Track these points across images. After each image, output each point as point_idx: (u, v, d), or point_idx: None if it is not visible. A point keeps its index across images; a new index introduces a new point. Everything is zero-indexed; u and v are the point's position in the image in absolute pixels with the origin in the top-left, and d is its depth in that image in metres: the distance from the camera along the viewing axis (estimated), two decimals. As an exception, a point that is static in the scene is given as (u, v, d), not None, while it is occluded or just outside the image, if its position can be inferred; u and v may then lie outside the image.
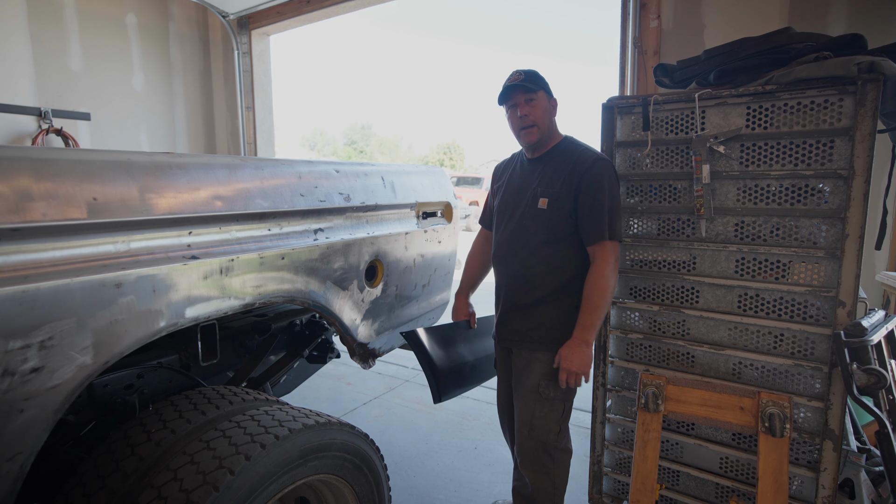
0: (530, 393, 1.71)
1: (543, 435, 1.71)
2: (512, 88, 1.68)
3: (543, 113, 1.69)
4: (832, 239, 1.50)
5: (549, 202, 1.67)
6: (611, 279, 1.60)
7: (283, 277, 1.42)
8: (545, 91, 1.69)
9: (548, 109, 1.71)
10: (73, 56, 4.18)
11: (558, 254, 1.69)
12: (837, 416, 1.53)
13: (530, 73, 1.69)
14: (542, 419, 1.70)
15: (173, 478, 1.03)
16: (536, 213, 1.70)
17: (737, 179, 1.62)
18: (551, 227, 1.67)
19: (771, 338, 1.63)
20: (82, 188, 0.99)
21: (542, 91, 1.68)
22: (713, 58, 1.70)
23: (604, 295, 1.59)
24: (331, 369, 3.75)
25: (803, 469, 1.61)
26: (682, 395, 1.62)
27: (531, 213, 1.71)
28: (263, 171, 1.42)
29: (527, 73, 1.69)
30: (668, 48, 2.87)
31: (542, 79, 1.71)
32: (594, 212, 1.61)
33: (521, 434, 1.76)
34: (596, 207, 1.61)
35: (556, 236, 1.67)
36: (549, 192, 1.68)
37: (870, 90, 1.37)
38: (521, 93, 1.67)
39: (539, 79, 1.69)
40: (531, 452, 1.74)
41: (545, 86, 1.70)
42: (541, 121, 1.69)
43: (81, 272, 0.96)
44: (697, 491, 1.82)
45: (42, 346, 0.91)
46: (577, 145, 1.73)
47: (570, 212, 1.65)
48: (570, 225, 1.67)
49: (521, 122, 1.69)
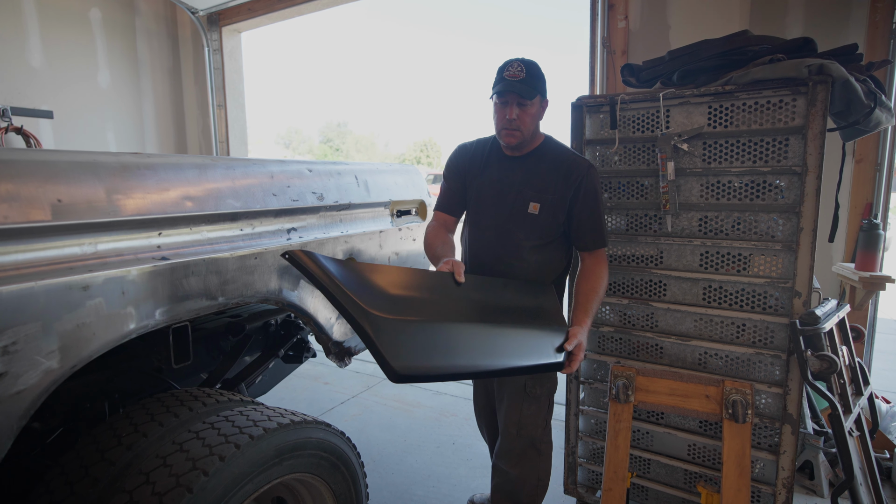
0: (517, 392, 1.71)
1: (532, 432, 1.72)
2: (510, 86, 1.57)
3: (532, 119, 1.63)
4: (788, 232, 1.58)
5: (542, 208, 1.64)
6: (606, 280, 1.66)
7: (257, 278, 1.41)
8: (541, 95, 1.62)
9: (537, 115, 1.65)
10: (32, 51, 4.03)
11: (545, 257, 1.69)
12: (795, 401, 1.61)
13: (531, 71, 1.58)
14: (530, 417, 1.71)
15: (145, 481, 1.02)
16: (527, 219, 1.66)
17: (700, 176, 1.69)
18: (542, 232, 1.65)
19: (734, 328, 1.70)
20: (46, 189, 0.97)
21: (538, 96, 1.60)
22: (676, 59, 1.75)
23: (602, 295, 1.63)
24: (308, 369, 3.73)
25: (765, 452, 1.68)
26: (652, 386, 1.68)
27: (519, 217, 1.66)
28: (235, 170, 1.42)
29: (528, 69, 1.58)
30: (636, 48, 2.95)
31: (541, 78, 1.61)
32: (593, 221, 1.63)
33: (508, 434, 1.75)
34: (595, 217, 1.63)
35: (546, 241, 1.67)
36: (540, 197, 1.64)
37: (820, 91, 1.44)
38: (518, 95, 1.57)
39: (538, 79, 1.60)
40: (520, 450, 1.75)
41: (542, 88, 1.61)
42: (527, 127, 1.62)
43: (46, 275, 0.95)
44: (667, 477, 1.88)
45: (5, 352, 0.89)
46: (561, 149, 1.69)
47: (562, 218, 1.64)
48: (558, 229, 1.66)
49: (508, 123, 1.61)
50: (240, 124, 5.12)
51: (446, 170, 1.85)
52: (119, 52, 4.62)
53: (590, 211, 1.63)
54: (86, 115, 4.42)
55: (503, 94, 1.58)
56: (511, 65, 1.59)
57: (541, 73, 1.62)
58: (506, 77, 1.58)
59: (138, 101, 4.81)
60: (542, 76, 1.61)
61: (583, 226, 1.64)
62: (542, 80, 1.62)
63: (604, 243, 1.66)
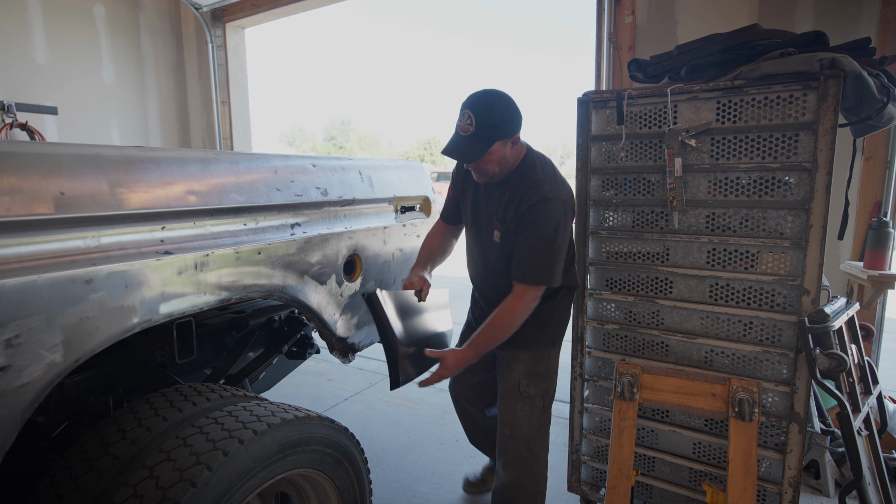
0: (511, 391, 1.72)
1: (525, 432, 1.72)
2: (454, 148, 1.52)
3: (496, 162, 1.54)
4: (797, 229, 1.56)
5: (501, 236, 1.63)
6: (517, 319, 1.56)
7: (260, 272, 1.41)
8: (500, 140, 1.50)
9: (502, 157, 1.54)
10: (37, 47, 4.03)
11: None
12: (803, 399, 1.59)
13: (482, 120, 1.46)
14: (524, 417, 1.71)
15: (149, 475, 1.02)
16: (494, 246, 1.66)
17: (708, 172, 1.67)
18: (507, 259, 1.62)
19: (741, 326, 1.68)
20: (49, 183, 0.97)
21: (496, 144, 1.50)
22: (685, 53, 1.73)
23: (504, 332, 1.57)
24: (311, 365, 3.73)
25: (771, 451, 1.67)
26: (657, 384, 1.67)
27: (488, 244, 1.68)
28: (238, 165, 1.41)
29: (478, 119, 1.46)
30: (643, 43, 2.92)
31: (496, 124, 1.48)
32: (523, 252, 1.56)
33: (502, 434, 1.75)
34: (526, 249, 1.55)
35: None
36: (501, 226, 1.63)
37: (831, 86, 1.42)
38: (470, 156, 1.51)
39: (491, 127, 1.47)
40: (513, 451, 1.74)
41: (498, 133, 1.49)
42: (493, 170, 1.56)
43: (49, 268, 0.94)
44: (672, 476, 1.87)
45: (8, 345, 0.88)
46: (527, 177, 1.59)
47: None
48: None
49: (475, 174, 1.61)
50: (243, 121, 5.12)
51: (452, 177, 1.91)
52: (123, 48, 4.62)
53: (523, 242, 1.55)
54: (90, 111, 4.42)
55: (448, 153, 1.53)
56: (463, 113, 1.50)
57: (497, 116, 1.49)
58: (457, 128, 1.52)
59: (142, 97, 4.82)
60: (497, 119, 1.49)
61: (515, 255, 1.57)
62: (499, 125, 1.49)
63: (526, 279, 1.54)
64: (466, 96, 1.53)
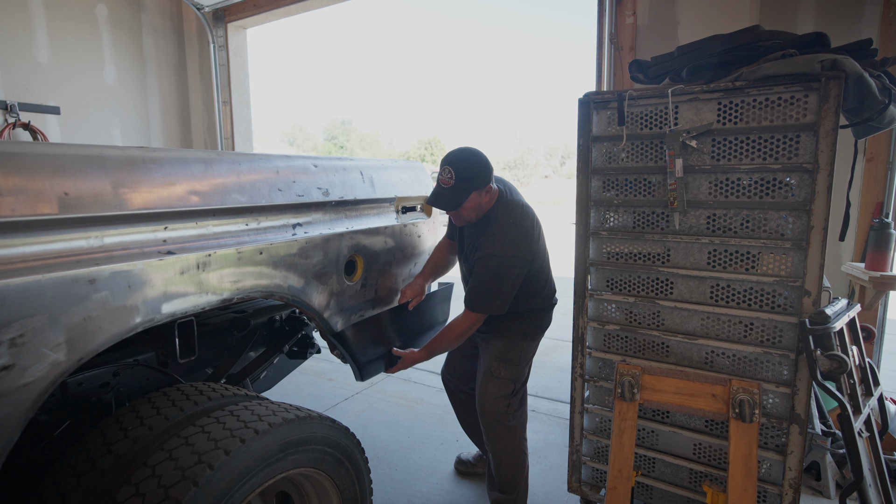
0: (485, 373, 1.98)
1: (494, 408, 1.95)
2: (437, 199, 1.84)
3: (473, 210, 1.85)
4: (798, 230, 1.56)
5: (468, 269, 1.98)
6: (461, 336, 1.91)
7: (262, 272, 1.41)
8: (476, 190, 1.80)
9: (479, 204, 1.84)
10: (39, 47, 4.05)
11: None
12: (803, 401, 1.59)
13: (461, 174, 1.77)
14: (492, 395, 1.96)
15: (151, 474, 1.03)
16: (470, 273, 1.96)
17: (708, 173, 1.67)
18: None
19: (742, 327, 1.68)
20: (53, 183, 0.97)
21: (472, 193, 1.79)
22: (686, 54, 1.73)
23: (451, 343, 1.94)
24: (311, 365, 3.74)
25: (771, 452, 1.67)
26: (657, 384, 1.67)
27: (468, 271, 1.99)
28: (240, 165, 1.41)
29: (458, 172, 1.77)
30: (644, 44, 2.92)
31: (473, 176, 1.77)
32: (469, 286, 1.90)
33: (479, 412, 2.00)
34: (471, 284, 1.89)
35: None
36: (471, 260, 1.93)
37: (832, 87, 1.42)
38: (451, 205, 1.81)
39: (468, 180, 1.77)
40: (487, 426, 1.98)
41: (475, 184, 1.78)
42: (472, 216, 1.88)
43: (53, 268, 0.94)
44: (672, 477, 1.87)
45: (12, 344, 0.89)
46: (487, 229, 1.87)
47: None
48: None
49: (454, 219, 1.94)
50: (245, 121, 5.13)
51: None
52: (125, 48, 4.63)
53: (473, 279, 1.88)
54: (92, 110, 4.43)
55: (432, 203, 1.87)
56: (443, 169, 1.80)
57: (473, 169, 1.78)
58: (439, 181, 1.83)
59: (144, 97, 4.82)
60: (474, 172, 1.78)
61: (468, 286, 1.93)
62: (475, 177, 1.78)
63: (469, 306, 1.87)
64: (445, 154, 1.84)
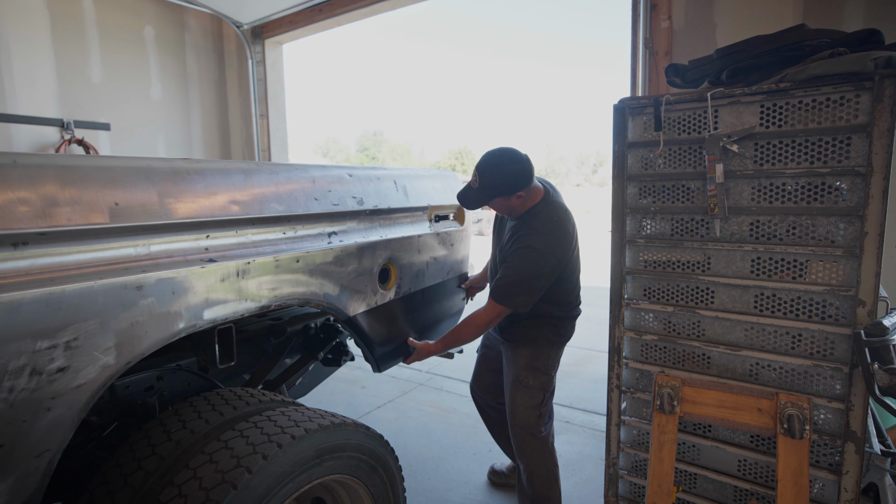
0: (513, 383, 1.95)
1: (524, 419, 1.92)
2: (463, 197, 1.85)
3: (506, 208, 1.86)
4: (851, 237, 1.48)
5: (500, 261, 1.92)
6: (481, 328, 1.86)
7: (298, 280, 1.44)
8: (500, 196, 1.80)
9: (509, 206, 1.84)
10: (93, 68, 4.30)
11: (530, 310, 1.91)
12: (859, 417, 1.50)
13: (484, 181, 1.78)
14: (521, 406, 1.93)
15: (193, 476, 1.05)
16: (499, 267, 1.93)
17: (751, 178, 1.61)
18: None
19: (789, 338, 1.60)
20: (105, 194, 1.02)
21: (497, 199, 1.80)
22: (725, 56, 1.68)
23: (471, 335, 1.88)
24: (345, 373, 3.78)
25: (825, 472, 1.57)
26: (698, 397, 1.60)
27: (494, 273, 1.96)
28: (278, 175, 1.45)
29: (482, 178, 1.78)
30: (680, 48, 2.86)
31: (495, 185, 1.77)
32: (499, 276, 1.84)
33: (509, 424, 1.98)
34: (501, 274, 1.83)
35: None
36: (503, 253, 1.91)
37: (888, 86, 1.35)
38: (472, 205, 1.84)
39: (491, 187, 1.77)
40: (518, 437, 1.95)
41: (497, 192, 1.78)
42: (505, 213, 1.90)
43: (104, 275, 0.99)
44: (715, 494, 1.79)
45: (67, 347, 0.93)
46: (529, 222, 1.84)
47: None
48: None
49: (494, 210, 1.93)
50: (281, 133, 5.28)
51: None
52: (170, 66, 4.87)
53: (503, 269, 1.82)
54: (139, 126, 4.67)
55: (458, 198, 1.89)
56: (475, 171, 1.82)
57: (498, 180, 1.77)
58: (471, 180, 1.85)
59: (186, 112, 5.05)
60: (498, 182, 1.77)
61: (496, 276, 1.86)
62: (498, 186, 1.77)
63: (494, 297, 1.82)
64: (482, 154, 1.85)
